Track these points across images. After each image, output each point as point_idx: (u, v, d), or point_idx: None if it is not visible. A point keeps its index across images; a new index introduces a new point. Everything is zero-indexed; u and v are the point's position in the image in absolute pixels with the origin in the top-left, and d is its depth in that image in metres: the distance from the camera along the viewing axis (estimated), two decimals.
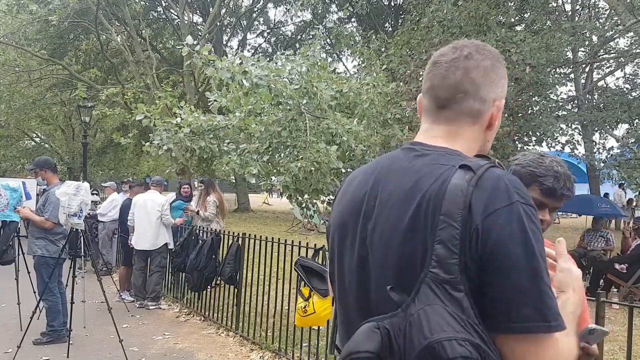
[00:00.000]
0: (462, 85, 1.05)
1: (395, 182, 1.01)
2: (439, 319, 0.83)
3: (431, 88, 1.09)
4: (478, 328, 0.85)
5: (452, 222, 0.88)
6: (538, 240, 0.89)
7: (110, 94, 13.84)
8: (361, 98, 5.43)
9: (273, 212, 23.98)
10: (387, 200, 1.00)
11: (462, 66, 1.05)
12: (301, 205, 5.28)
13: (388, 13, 19.51)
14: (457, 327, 0.83)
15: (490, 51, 1.09)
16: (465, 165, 0.93)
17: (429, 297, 0.86)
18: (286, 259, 4.67)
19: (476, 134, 1.08)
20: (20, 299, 5.36)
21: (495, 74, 1.07)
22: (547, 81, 10.67)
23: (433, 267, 0.87)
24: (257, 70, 4.50)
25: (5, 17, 16.45)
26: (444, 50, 1.10)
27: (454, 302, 0.85)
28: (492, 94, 1.07)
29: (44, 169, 5.23)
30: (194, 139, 5.12)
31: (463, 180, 0.91)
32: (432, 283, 0.87)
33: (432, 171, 0.97)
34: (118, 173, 25.82)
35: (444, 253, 0.87)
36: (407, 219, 0.94)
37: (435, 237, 0.89)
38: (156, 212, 6.70)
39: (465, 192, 0.89)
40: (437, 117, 1.09)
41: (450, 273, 0.87)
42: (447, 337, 0.81)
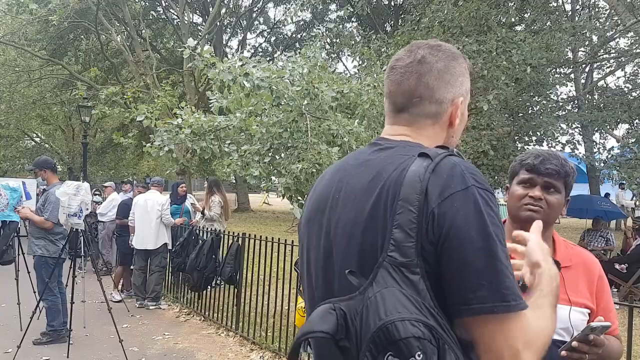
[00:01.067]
0: (416, 91, 1.07)
1: (357, 175, 1.04)
2: (394, 301, 0.84)
3: (389, 94, 1.13)
4: (434, 311, 0.85)
5: (409, 207, 0.90)
6: (494, 223, 0.90)
7: (110, 94, 13.83)
8: (362, 99, 5.43)
9: (273, 212, 23.98)
10: (349, 193, 1.03)
11: (415, 71, 1.08)
12: (302, 206, 5.27)
13: (388, 13, 19.50)
14: (412, 308, 0.84)
15: (445, 51, 1.11)
16: (423, 154, 0.96)
17: (386, 280, 0.87)
18: (286, 259, 4.67)
19: (437, 132, 1.10)
20: (20, 299, 5.35)
21: (450, 74, 1.09)
22: (547, 81, 10.67)
23: (391, 250, 0.89)
24: (258, 71, 4.49)
25: (5, 17, 16.45)
26: (400, 54, 1.13)
27: (410, 284, 0.87)
28: (448, 94, 1.09)
29: (43, 169, 5.22)
30: (194, 139, 5.11)
31: (421, 167, 0.93)
32: (389, 267, 0.88)
33: (393, 161, 0.99)
34: (118, 173, 25.83)
35: (401, 237, 0.89)
36: (368, 208, 0.97)
37: (394, 222, 0.90)
38: (156, 212, 6.70)
39: (422, 178, 0.91)
40: (397, 119, 1.12)
41: (406, 256, 0.88)
42: (400, 317, 0.82)
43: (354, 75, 12.60)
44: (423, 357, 0.80)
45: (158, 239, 6.73)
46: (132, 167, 27.20)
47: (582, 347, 1.31)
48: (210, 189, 7.69)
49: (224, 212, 7.62)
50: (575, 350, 1.32)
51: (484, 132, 8.76)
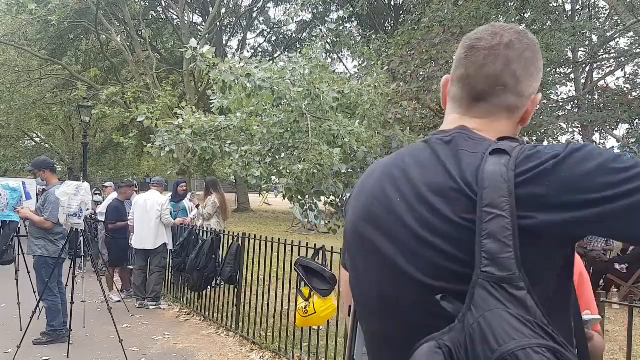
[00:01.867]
0: (501, 77, 0.95)
1: (420, 173, 0.93)
2: (504, 325, 0.73)
3: (466, 77, 0.98)
4: (548, 329, 0.74)
5: (499, 212, 0.79)
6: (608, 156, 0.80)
7: (110, 94, 13.85)
8: (362, 99, 5.43)
9: (273, 212, 23.98)
10: (412, 194, 0.92)
11: (503, 55, 0.95)
12: (303, 206, 5.28)
13: (388, 13, 19.51)
14: (527, 331, 0.72)
15: (532, 40, 0.99)
16: (498, 150, 0.85)
17: (486, 301, 0.75)
18: (286, 259, 4.67)
19: (510, 128, 1.00)
20: (20, 299, 5.35)
21: (535, 67, 0.98)
22: (547, 81, 10.67)
23: (485, 265, 0.77)
24: (260, 72, 4.50)
25: (5, 17, 16.46)
26: (480, 34, 0.99)
27: (516, 302, 0.75)
28: (529, 89, 0.98)
29: (42, 169, 5.21)
30: (195, 139, 5.12)
31: (500, 165, 0.82)
32: (487, 284, 0.76)
33: (459, 159, 0.89)
34: (118, 173, 25.84)
35: (495, 248, 0.77)
36: (441, 213, 0.85)
37: (483, 232, 0.79)
38: (156, 212, 6.69)
39: (506, 178, 0.81)
40: (470, 109, 0.99)
41: (506, 269, 0.76)
42: (518, 345, 0.70)
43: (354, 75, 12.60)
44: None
45: (157, 239, 6.73)
46: (133, 167, 27.20)
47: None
48: (207, 190, 7.68)
49: (222, 212, 7.60)
50: None
51: None
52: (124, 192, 7.52)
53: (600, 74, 16.51)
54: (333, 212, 5.75)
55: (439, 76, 8.72)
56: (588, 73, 16.12)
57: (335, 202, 5.55)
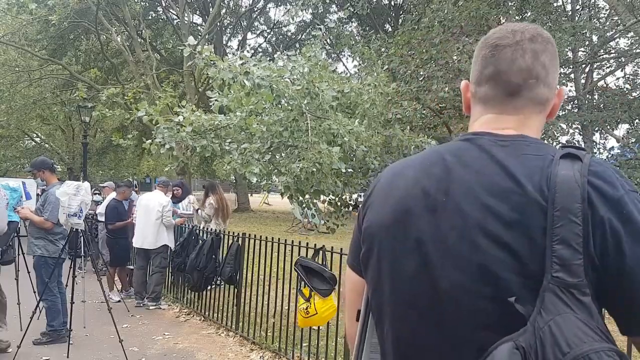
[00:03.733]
0: (534, 70, 0.95)
1: (472, 175, 0.90)
2: (574, 330, 0.75)
3: (498, 74, 0.97)
4: (609, 335, 0.77)
5: (573, 218, 0.79)
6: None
7: (111, 95, 13.84)
8: (362, 98, 5.43)
9: (273, 212, 23.98)
10: (462, 194, 0.89)
11: (530, 48, 0.95)
12: (302, 204, 5.28)
13: (388, 13, 19.51)
14: (595, 336, 0.75)
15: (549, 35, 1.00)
16: (569, 154, 0.85)
17: (556, 306, 0.77)
18: (286, 259, 4.66)
19: (540, 124, 0.99)
20: (20, 299, 5.35)
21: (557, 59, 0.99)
22: None
23: (556, 271, 0.78)
24: (259, 70, 4.50)
25: (5, 17, 16.46)
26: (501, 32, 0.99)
27: (583, 308, 0.77)
28: (555, 81, 0.98)
29: (41, 169, 5.20)
30: (195, 137, 5.12)
31: (572, 170, 0.82)
32: (557, 289, 0.78)
33: (524, 162, 0.87)
34: (118, 173, 25.83)
35: (567, 254, 0.78)
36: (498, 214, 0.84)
37: (554, 237, 0.79)
38: (157, 213, 6.69)
39: (580, 183, 0.81)
40: (506, 106, 0.97)
41: (576, 276, 0.78)
42: (591, 349, 0.72)
43: (354, 75, 12.61)
44: None
45: (157, 240, 6.72)
46: (133, 168, 27.20)
47: None
48: (206, 193, 7.68)
49: (222, 213, 7.59)
50: None
51: None
52: (122, 192, 7.52)
53: (600, 74, 16.51)
54: (332, 211, 5.75)
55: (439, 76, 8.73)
56: (588, 73, 16.11)
57: (335, 201, 5.55)
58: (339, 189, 4.98)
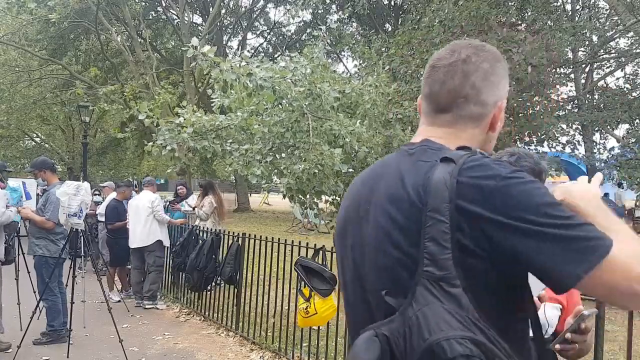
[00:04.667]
0: (462, 90, 1.03)
1: (384, 183, 1.01)
2: (437, 319, 0.81)
3: (430, 94, 1.07)
4: (479, 323, 0.82)
5: (440, 217, 0.86)
6: (538, 194, 0.86)
7: (109, 92, 13.84)
8: (363, 99, 5.43)
9: (273, 212, 23.98)
10: (377, 203, 0.99)
11: (460, 70, 1.03)
12: (303, 204, 5.28)
13: (388, 13, 19.50)
14: (456, 324, 0.80)
15: (489, 51, 1.07)
16: (445, 158, 0.92)
17: (425, 297, 0.84)
18: (286, 259, 4.66)
19: (477, 135, 1.06)
20: (20, 299, 5.35)
21: (495, 75, 1.05)
22: (548, 81, 10.66)
23: (426, 265, 0.85)
24: (262, 72, 4.49)
25: (5, 17, 16.45)
26: (441, 53, 1.08)
27: (451, 299, 0.83)
28: (493, 97, 1.05)
29: (42, 169, 5.21)
30: (196, 138, 5.12)
31: (445, 172, 0.89)
32: (427, 282, 0.85)
33: (415, 168, 0.96)
34: (118, 173, 25.81)
35: (435, 250, 0.85)
36: (395, 220, 0.93)
37: (426, 235, 0.87)
38: (146, 209, 6.68)
39: (448, 185, 0.88)
40: (436, 119, 1.07)
41: (444, 269, 0.84)
42: (445, 336, 0.79)
43: (354, 75, 12.61)
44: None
45: (149, 236, 6.70)
46: (133, 168, 27.19)
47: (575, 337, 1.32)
48: (205, 192, 7.63)
49: (219, 213, 7.56)
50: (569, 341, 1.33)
51: None
52: (122, 192, 7.52)
53: (600, 74, 16.50)
54: (334, 211, 5.75)
55: None
56: (588, 73, 16.10)
57: (337, 201, 5.55)
58: (340, 189, 4.98)
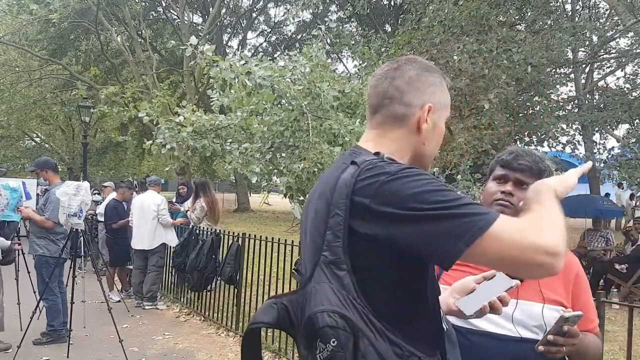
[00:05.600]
0: (387, 92, 1.17)
1: (321, 182, 1.15)
2: (322, 295, 0.98)
3: (368, 96, 1.23)
4: (356, 302, 0.98)
5: (338, 211, 1.01)
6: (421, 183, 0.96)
7: (110, 94, 13.84)
8: (363, 98, 5.43)
9: (273, 212, 23.98)
10: (312, 199, 1.15)
11: (389, 76, 1.18)
12: (303, 204, 5.28)
13: (388, 13, 19.49)
14: (335, 301, 0.97)
15: (420, 63, 1.21)
16: (353, 162, 1.05)
17: (320, 276, 1.00)
18: (286, 259, 4.67)
19: (405, 136, 1.17)
20: (20, 299, 5.35)
21: (421, 82, 1.17)
22: (548, 81, 10.66)
23: (324, 250, 1.02)
24: (260, 71, 4.49)
25: (5, 17, 16.45)
26: (383, 66, 1.25)
27: (337, 279, 0.99)
28: (417, 100, 1.16)
29: (44, 169, 5.25)
30: (196, 138, 5.12)
31: (349, 174, 1.03)
32: (322, 264, 1.01)
33: (336, 169, 1.10)
34: (118, 173, 25.81)
35: (331, 238, 1.01)
36: (317, 212, 1.08)
37: (327, 225, 1.02)
38: (152, 212, 6.68)
39: (348, 184, 1.01)
40: (370, 122, 1.21)
41: (335, 254, 1.00)
42: (321, 309, 0.96)
43: (354, 75, 12.60)
44: (337, 343, 0.93)
45: (154, 239, 6.70)
46: (133, 168, 27.19)
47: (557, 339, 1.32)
48: (197, 193, 7.28)
49: (211, 215, 7.22)
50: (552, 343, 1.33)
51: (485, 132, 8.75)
52: (122, 193, 7.51)
53: (600, 74, 16.50)
54: None
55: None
56: (588, 73, 16.10)
57: None
58: None
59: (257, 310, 1.08)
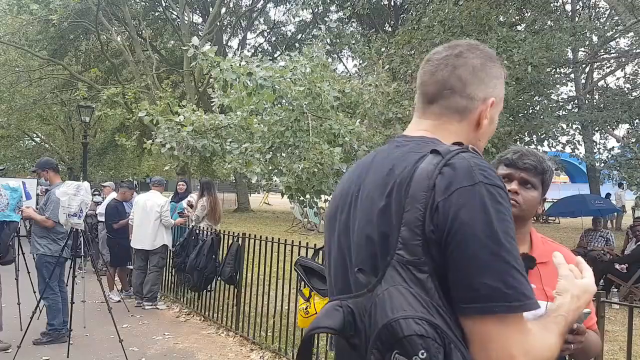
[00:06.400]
0: (448, 82, 1.07)
1: (373, 173, 1.03)
2: (401, 299, 0.84)
3: (421, 84, 1.12)
4: (441, 310, 0.85)
5: (417, 205, 0.89)
6: (503, 219, 0.88)
7: (111, 95, 13.85)
8: (363, 98, 5.43)
9: (273, 212, 23.98)
10: (365, 191, 1.03)
11: (450, 63, 1.07)
12: (303, 203, 5.28)
13: (388, 13, 19.49)
14: (418, 307, 0.83)
15: (484, 51, 1.10)
16: (435, 150, 0.94)
17: (394, 278, 0.88)
18: (286, 259, 4.66)
19: (464, 130, 1.09)
20: (20, 299, 5.35)
21: (485, 73, 1.08)
22: (548, 81, 10.65)
23: (399, 249, 0.89)
24: (262, 71, 4.50)
25: (5, 17, 16.45)
26: (439, 48, 1.13)
27: (418, 283, 0.86)
28: (480, 92, 1.08)
29: (45, 169, 5.27)
30: (196, 137, 5.12)
31: (431, 164, 0.92)
32: (397, 265, 0.88)
33: (405, 159, 0.98)
34: (118, 173, 25.82)
35: (408, 235, 0.89)
36: (380, 207, 0.96)
37: (402, 221, 0.90)
38: (155, 213, 6.67)
39: (430, 176, 0.90)
40: (425, 111, 1.11)
41: (414, 254, 0.88)
42: (405, 315, 0.82)
43: (354, 75, 12.60)
44: (427, 355, 0.79)
45: (156, 240, 6.70)
46: (133, 168, 27.19)
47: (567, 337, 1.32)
48: (202, 191, 7.37)
49: (212, 215, 7.26)
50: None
51: None
52: (122, 193, 7.51)
53: (600, 74, 16.50)
54: None
55: None
56: (588, 73, 16.10)
57: None
58: None
59: (320, 312, 0.94)
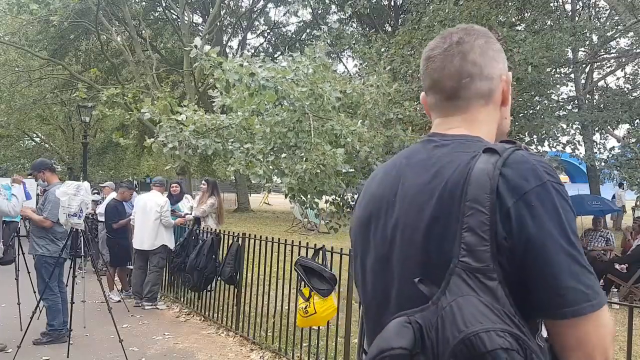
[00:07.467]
0: (464, 70, 1.02)
1: (413, 175, 0.98)
2: (473, 310, 0.79)
3: (433, 84, 1.06)
4: (515, 318, 0.80)
5: (480, 208, 0.84)
6: (571, 218, 0.86)
7: (111, 95, 13.83)
8: (364, 98, 5.43)
9: (273, 212, 23.98)
10: (406, 195, 0.97)
11: (457, 52, 1.02)
12: (304, 204, 5.28)
13: (388, 13, 19.50)
14: (494, 317, 0.78)
15: (479, 30, 1.07)
16: (489, 149, 0.90)
17: (460, 288, 0.82)
18: (286, 259, 4.66)
19: (491, 113, 1.05)
20: (20, 299, 5.35)
21: (492, 49, 1.05)
22: (548, 81, 10.65)
23: (463, 256, 0.83)
24: (264, 72, 4.49)
25: (5, 17, 16.44)
26: (433, 43, 1.07)
27: (488, 291, 0.81)
28: (496, 70, 1.04)
29: (41, 170, 5.25)
30: (197, 137, 5.12)
31: (488, 163, 0.87)
32: (463, 273, 0.83)
33: (452, 160, 0.93)
34: (118, 173, 25.81)
35: (473, 240, 0.83)
36: (429, 211, 0.90)
37: (464, 225, 0.84)
38: (155, 213, 6.67)
39: (491, 176, 0.85)
40: (448, 109, 1.05)
41: (481, 261, 0.82)
42: (484, 328, 0.76)
43: (354, 75, 12.59)
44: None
45: (156, 240, 6.70)
46: (133, 167, 27.18)
47: None
48: (212, 190, 7.50)
49: (219, 216, 7.47)
50: None
51: None
52: (122, 193, 7.51)
53: (601, 74, 16.50)
54: (334, 211, 5.74)
55: None
56: (588, 73, 16.10)
57: (337, 201, 5.54)
58: (341, 189, 4.98)
59: (386, 330, 0.85)
